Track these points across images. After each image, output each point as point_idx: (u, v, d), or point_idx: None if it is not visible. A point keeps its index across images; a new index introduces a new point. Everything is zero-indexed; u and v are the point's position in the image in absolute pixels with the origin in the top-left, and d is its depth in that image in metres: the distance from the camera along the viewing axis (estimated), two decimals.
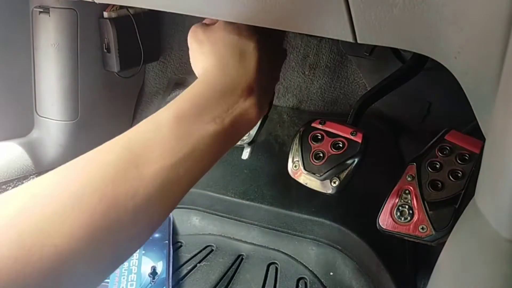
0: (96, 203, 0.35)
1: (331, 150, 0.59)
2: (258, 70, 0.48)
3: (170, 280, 0.76)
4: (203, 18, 0.56)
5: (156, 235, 0.81)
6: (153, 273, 0.76)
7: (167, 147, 0.40)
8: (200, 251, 0.83)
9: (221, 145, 0.43)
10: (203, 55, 0.50)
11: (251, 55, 0.49)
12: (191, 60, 0.53)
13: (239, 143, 0.71)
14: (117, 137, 0.41)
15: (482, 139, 0.37)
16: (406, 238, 0.54)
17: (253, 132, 0.66)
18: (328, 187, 0.57)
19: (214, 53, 0.49)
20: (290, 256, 0.80)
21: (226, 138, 0.44)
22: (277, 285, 0.75)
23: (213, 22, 0.54)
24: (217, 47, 0.49)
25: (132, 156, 0.39)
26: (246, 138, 0.67)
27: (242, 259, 0.81)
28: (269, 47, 0.51)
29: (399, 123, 0.86)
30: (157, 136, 0.40)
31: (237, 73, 0.47)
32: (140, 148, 0.39)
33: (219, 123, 0.43)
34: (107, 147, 0.40)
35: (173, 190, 0.40)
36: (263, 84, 0.49)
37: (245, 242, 0.84)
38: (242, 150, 0.66)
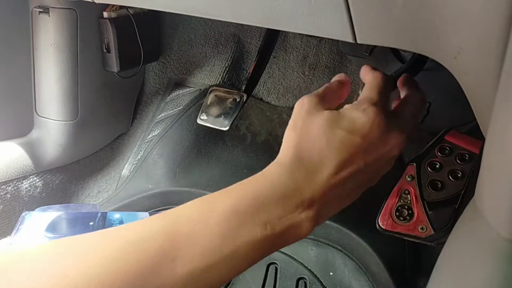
0: None
1: None
2: (332, 187, 0.40)
3: None
4: (204, 19, 0.56)
5: None
6: None
7: (209, 246, 0.37)
8: None
9: (263, 252, 0.39)
10: (289, 137, 0.43)
11: (334, 168, 0.40)
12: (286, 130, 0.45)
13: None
14: (164, 215, 0.38)
15: (482, 139, 0.37)
16: (405, 238, 0.54)
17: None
18: None
19: (296, 146, 0.42)
20: (289, 256, 0.80)
21: (271, 246, 0.39)
22: (277, 285, 0.75)
23: (340, 96, 0.47)
24: (304, 140, 0.42)
25: (173, 248, 0.36)
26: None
27: None
28: (378, 164, 0.42)
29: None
30: (205, 230, 0.37)
31: (304, 181, 0.40)
32: (183, 240, 0.36)
33: (268, 229, 0.38)
34: (149, 230, 0.37)
35: None
36: (330, 200, 0.41)
37: None
38: (242, 150, 0.66)
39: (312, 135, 0.41)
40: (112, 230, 0.39)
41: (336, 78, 0.49)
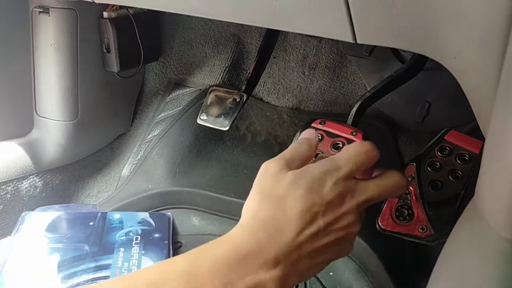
0: None
1: (331, 150, 0.59)
2: (297, 246, 0.40)
3: None
4: (204, 19, 0.56)
5: (156, 235, 0.80)
6: None
7: None
8: None
9: None
10: (252, 200, 0.43)
11: (297, 228, 0.40)
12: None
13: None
14: (124, 279, 0.40)
15: (482, 139, 0.37)
16: (405, 238, 0.54)
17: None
18: None
19: (259, 208, 0.42)
20: None
21: None
22: None
23: (307, 159, 0.45)
24: (268, 201, 0.42)
25: None
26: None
27: None
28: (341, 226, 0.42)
29: (398, 123, 0.86)
30: None
31: (267, 241, 0.39)
32: None
33: None
34: None
35: None
36: (297, 260, 0.40)
37: None
38: (242, 150, 0.66)
39: (275, 197, 0.41)
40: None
41: (305, 135, 0.48)
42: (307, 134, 0.48)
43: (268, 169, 0.43)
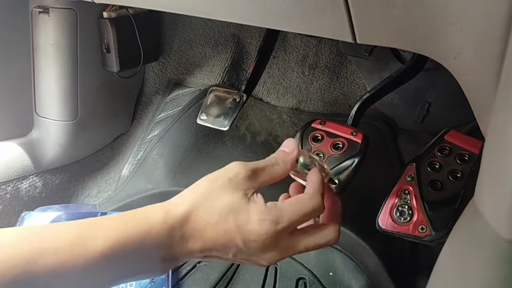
0: None
1: (331, 151, 0.59)
2: (195, 257, 0.42)
3: (170, 280, 0.76)
4: (204, 19, 0.56)
5: None
6: None
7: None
8: None
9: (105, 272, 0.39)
10: (193, 196, 0.43)
11: (208, 247, 0.41)
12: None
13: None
14: (28, 231, 0.39)
15: (482, 139, 0.37)
16: (405, 238, 0.54)
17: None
18: None
19: (193, 207, 0.42)
20: (289, 256, 0.80)
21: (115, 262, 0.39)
22: (277, 285, 0.75)
23: (276, 179, 0.45)
24: (204, 206, 0.42)
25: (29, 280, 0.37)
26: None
27: None
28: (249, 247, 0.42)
29: (398, 123, 0.86)
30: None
31: (179, 241, 0.41)
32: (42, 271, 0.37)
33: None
34: (9, 257, 0.37)
35: None
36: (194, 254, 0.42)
37: None
38: (242, 150, 0.66)
39: (211, 209, 0.41)
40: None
41: (283, 147, 0.48)
42: (286, 146, 0.48)
43: (231, 172, 0.43)
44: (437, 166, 0.56)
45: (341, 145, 0.59)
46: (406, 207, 0.54)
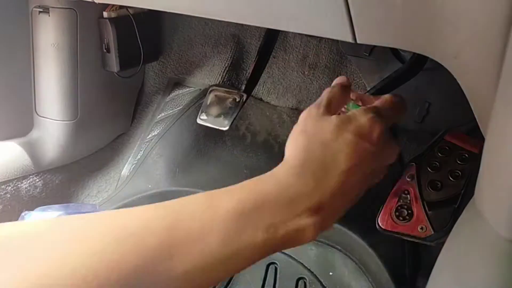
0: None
1: None
2: (340, 192, 0.40)
3: None
4: (204, 19, 0.56)
5: None
6: None
7: (209, 247, 0.36)
8: None
9: (263, 254, 0.38)
10: (298, 141, 0.42)
11: (344, 173, 0.40)
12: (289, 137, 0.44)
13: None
14: (165, 206, 0.38)
15: (482, 139, 0.37)
16: (405, 238, 0.54)
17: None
18: None
19: (306, 149, 0.41)
20: (289, 256, 0.80)
21: (271, 249, 0.38)
22: (277, 285, 0.75)
23: (344, 101, 0.47)
24: (314, 143, 0.41)
25: (172, 245, 0.35)
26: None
27: None
28: (372, 170, 0.42)
29: (398, 123, 0.86)
30: (206, 230, 0.36)
31: (314, 185, 0.39)
32: (183, 237, 0.35)
33: (271, 233, 0.37)
34: (150, 221, 0.36)
35: None
36: (337, 206, 0.41)
37: None
38: (242, 150, 0.66)
39: (322, 140, 0.41)
40: (113, 214, 0.38)
41: (338, 81, 0.48)
42: (340, 79, 0.48)
43: (311, 113, 0.44)
44: (437, 166, 0.56)
45: None
46: (406, 207, 0.54)
